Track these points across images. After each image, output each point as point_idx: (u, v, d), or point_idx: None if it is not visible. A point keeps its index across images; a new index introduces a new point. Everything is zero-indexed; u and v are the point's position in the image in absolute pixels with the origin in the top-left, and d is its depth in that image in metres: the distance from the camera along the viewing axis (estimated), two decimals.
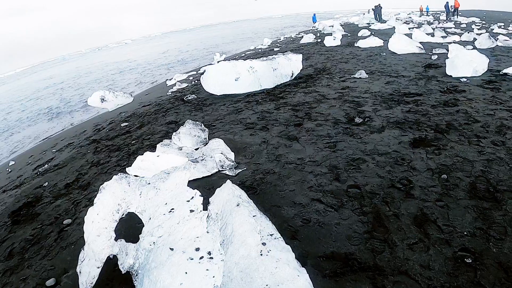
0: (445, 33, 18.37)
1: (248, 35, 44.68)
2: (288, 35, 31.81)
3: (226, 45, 33.77)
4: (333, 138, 4.92)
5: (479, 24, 28.61)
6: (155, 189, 3.59)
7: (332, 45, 16.30)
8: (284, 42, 23.41)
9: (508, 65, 8.95)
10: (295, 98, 7.29)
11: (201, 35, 65.05)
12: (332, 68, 10.21)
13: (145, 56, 36.66)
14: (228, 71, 8.84)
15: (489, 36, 12.79)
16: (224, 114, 6.97)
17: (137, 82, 18.31)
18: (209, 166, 4.56)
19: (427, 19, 37.33)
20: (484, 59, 7.90)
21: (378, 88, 7.23)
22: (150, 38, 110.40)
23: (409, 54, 11.61)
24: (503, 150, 4.09)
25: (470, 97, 6.15)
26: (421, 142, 4.47)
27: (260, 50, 20.01)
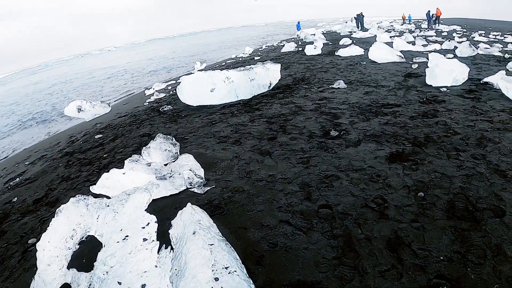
0: (426, 41, 18.61)
1: (231, 43, 44.90)
2: (270, 43, 31.95)
3: (211, 53, 33.96)
4: (306, 153, 4.76)
5: (460, 32, 29.16)
6: (113, 213, 3.39)
7: (312, 54, 16.30)
8: (265, 50, 23.41)
9: (488, 73, 8.99)
10: (271, 109, 7.14)
11: (185, 43, 65.11)
12: (311, 77, 10.13)
13: (131, 63, 36.57)
14: (204, 81, 8.66)
15: (469, 44, 12.93)
16: (198, 127, 6.78)
17: (118, 90, 18.06)
18: (177, 184, 4.36)
19: (409, 28, 37.93)
20: (465, 68, 7.90)
21: (356, 98, 7.13)
22: (134, 45, 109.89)
23: (389, 63, 11.63)
24: (483, 164, 3.98)
25: (450, 108, 6.08)
26: (398, 156, 4.34)
27: (241, 58, 19.94)
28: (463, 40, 19.59)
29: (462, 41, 17.98)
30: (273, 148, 5.09)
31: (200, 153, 5.33)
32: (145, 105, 10.67)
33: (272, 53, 20.39)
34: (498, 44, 17.62)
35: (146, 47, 76.69)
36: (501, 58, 12.34)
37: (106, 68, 35.88)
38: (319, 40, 22.53)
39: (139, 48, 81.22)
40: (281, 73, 10.53)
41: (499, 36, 24.66)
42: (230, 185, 4.20)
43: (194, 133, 6.44)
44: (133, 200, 3.49)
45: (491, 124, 5.26)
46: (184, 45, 56.32)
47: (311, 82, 9.43)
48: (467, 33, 28.10)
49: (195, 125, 6.96)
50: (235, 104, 8.23)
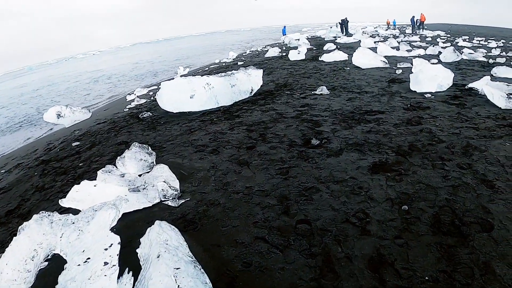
0: (410, 46, 18.69)
1: (215, 48, 44.76)
2: (254, 48, 31.87)
3: (195, 57, 33.70)
4: (286, 163, 4.59)
5: (444, 37, 29.51)
6: (78, 231, 3.19)
7: (296, 59, 16.23)
8: (249, 55, 23.30)
9: (473, 79, 8.98)
10: (252, 116, 6.97)
11: (171, 47, 64.73)
12: (293, 83, 10.00)
13: (117, 67, 36.11)
14: (183, 88, 8.45)
15: (454, 49, 12.99)
16: (176, 135, 6.58)
17: (103, 95, 17.79)
18: (151, 196, 4.16)
19: (393, 33, 38.30)
20: (449, 74, 7.85)
21: (338, 105, 7.01)
22: (119, 49, 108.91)
23: (373, 68, 11.59)
24: (469, 174, 3.87)
25: (435, 115, 5.99)
26: (381, 166, 4.19)
27: (224, 64, 19.76)
28: (447, 45, 19.76)
29: (446, 46, 18.13)
30: (251, 158, 4.91)
31: (177, 162, 5.13)
32: (125, 111, 10.41)
33: (256, 58, 20.29)
34: (482, 49, 17.80)
35: (131, 51, 76.04)
36: (485, 63, 12.40)
37: (93, 72, 35.48)
38: (303, 45, 22.49)
39: (124, 52, 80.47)
40: (264, 78, 10.38)
41: (482, 41, 25.01)
42: (206, 197, 4.01)
43: (172, 141, 6.24)
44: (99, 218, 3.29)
45: (477, 131, 5.17)
46: (170, 49, 55.92)
47: (293, 88, 9.30)
48: (451, 38, 28.45)
49: (173, 133, 6.76)
50: (215, 110, 8.04)
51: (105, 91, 19.42)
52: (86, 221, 3.30)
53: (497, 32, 44.20)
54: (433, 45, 18.02)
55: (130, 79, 23.31)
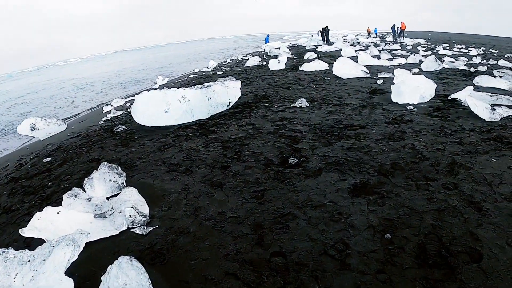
0: (391, 55, 18.78)
1: (197, 56, 44.66)
2: (235, 57, 31.79)
3: (176, 66, 33.70)
4: (261, 185, 4.34)
5: (424, 45, 29.91)
6: (33, 271, 2.87)
7: (276, 69, 16.08)
8: (229, 64, 23.14)
9: (455, 89, 8.93)
10: (228, 132, 6.72)
11: (153, 55, 64.18)
12: (272, 95, 9.80)
13: (101, 75, 35.58)
14: (158, 101, 8.13)
15: (435, 58, 13.02)
16: (149, 152, 6.27)
17: (84, 102, 17.37)
18: (118, 223, 3.88)
19: (374, 41, 38.69)
20: (431, 84, 7.76)
21: (318, 119, 6.81)
22: (101, 57, 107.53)
23: (354, 78, 11.50)
24: (456, 195, 3.68)
25: (418, 128, 5.84)
26: (363, 188, 3.98)
27: (204, 73, 19.51)
28: (428, 53, 19.94)
29: (427, 55, 18.28)
30: (225, 179, 4.65)
31: (148, 184, 4.85)
32: (100, 124, 10.05)
33: (236, 67, 20.12)
34: (463, 57, 17.98)
35: (113, 59, 75.27)
36: (467, 72, 12.45)
37: (76, 79, 34.95)
38: (283, 54, 22.43)
39: (107, 59, 79.48)
40: (242, 89, 10.18)
41: (463, 49, 25.39)
42: (176, 224, 3.74)
43: (144, 159, 5.93)
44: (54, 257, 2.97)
45: (462, 146, 5.03)
46: (153, 57, 55.52)
47: (272, 100, 9.09)
48: (432, 46, 28.84)
49: (146, 150, 6.45)
50: (191, 125, 7.76)
51: (88, 99, 19.24)
52: (42, 259, 2.98)
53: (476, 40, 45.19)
54: (414, 54, 18.13)
55: (114, 87, 22.97)
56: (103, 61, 72.74)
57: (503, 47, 30.43)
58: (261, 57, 24.31)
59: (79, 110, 16.07)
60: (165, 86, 16.25)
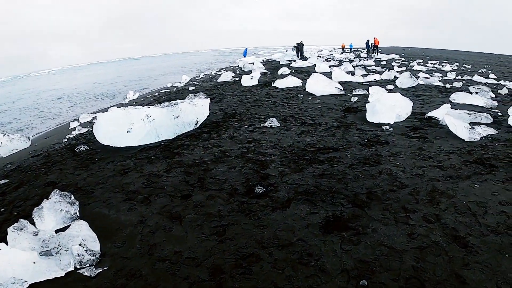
0: (366, 71, 18.80)
1: (171, 70, 44.48)
2: (209, 71, 31.54)
3: (153, 79, 33.42)
4: (224, 219, 3.93)
5: (398, 61, 30.31)
6: None
7: (249, 85, 15.82)
8: (202, 79, 22.77)
9: (431, 106, 8.79)
10: (192, 155, 6.30)
11: (128, 68, 63.15)
12: (243, 113, 9.45)
13: (78, 86, 34.95)
14: (120, 121, 7.65)
15: (410, 75, 12.99)
16: (108, 176, 5.81)
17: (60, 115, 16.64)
18: (64, 262, 3.44)
19: (348, 56, 39.07)
20: (408, 103, 7.56)
21: (289, 140, 6.47)
22: (75, 69, 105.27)
23: (327, 95, 11.30)
24: (438, 229, 3.37)
25: (395, 151, 5.56)
26: (336, 223, 3.62)
27: (176, 88, 19.04)
28: (403, 69, 20.09)
29: (401, 71, 18.39)
30: (185, 211, 4.23)
31: (102, 214, 4.40)
32: (64, 142, 9.46)
33: (208, 82, 19.76)
34: (437, 73, 18.17)
35: (88, 71, 73.95)
36: (443, 89, 12.44)
37: (52, 90, 34.14)
38: (257, 70, 22.25)
39: (82, 71, 77.75)
40: (212, 107, 9.82)
41: (437, 64, 25.82)
42: (128, 265, 3.30)
43: (102, 185, 5.46)
44: None
45: (442, 171, 4.78)
46: (127, 70, 54.79)
47: (242, 119, 8.73)
48: (406, 62, 29.25)
49: (106, 173, 5.98)
50: (156, 146, 7.30)
51: (64, 111, 18.82)
52: None
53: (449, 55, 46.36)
54: (389, 70, 18.20)
55: (90, 99, 22.32)
56: (78, 73, 71.28)
57: (476, 62, 31.15)
58: (235, 72, 24.10)
59: (50, 123, 15.39)
60: (134, 101, 15.79)
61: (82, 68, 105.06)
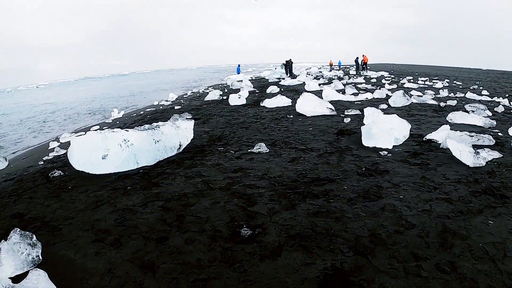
0: (357, 89, 18.43)
1: (161, 86, 44.22)
2: (196, 89, 31.16)
3: (143, 95, 32.93)
4: (204, 270, 3.36)
5: (388, 78, 30.19)
6: None
7: (236, 104, 15.37)
8: (189, 98, 22.25)
9: (428, 127, 8.38)
10: (173, 185, 5.73)
11: (118, 84, 62.52)
12: (229, 136, 8.92)
13: (69, 101, 34.54)
14: (96, 145, 7.04)
15: (403, 93, 12.64)
16: (79, 209, 5.22)
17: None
18: None
19: (337, 74, 39.01)
20: (406, 125, 7.13)
21: (279, 169, 5.93)
22: (64, 84, 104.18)
23: (319, 116, 10.84)
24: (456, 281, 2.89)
25: (396, 181, 5.06)
26: (336, 277, 3.07)
27: (162, 107, 18.44)
28: (394, 87, 19.85)
29: (392, 88, 18.11)
30: (160, 258, 3.65)
31: (67, 259, 3.82)
32: (40, 164, 8.80)
33: (195, 101, 19.27)
34: (429, 90, 17.90)
35: (77, 86, 73.12)
36: (437, 107, 12.10)
37: (44, 104, 33.65)
38: (245, 88, 21.87)
39: (72, 86, 76.77)
40: (198, 128, 9.33)
41: (427, 81, 25.68)
42: None
43: (71, 220, 4.87)
44: None
45: (451, 205, 4.30)
46: (116, 87, 54.33)
47: (228, 143, 8.20)
48: (396, 79, 29.14)
49: (77, 206, 5.38)
50: (134, 173, 6.71)
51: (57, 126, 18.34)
52: None
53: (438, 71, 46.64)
54: (380, 88, 17.93)
55: (73, 116, 21.70)
56: (68, 88, 70.65)
57: (466, 79, 31.17)
58: (223, 90, 23.70)
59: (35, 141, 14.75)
60: (118, 120, 15.24)
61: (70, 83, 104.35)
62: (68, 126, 18.01)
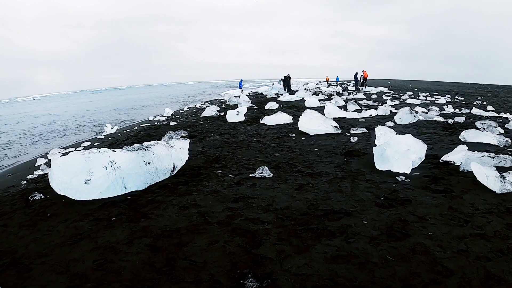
0: (359, 105, 17.85)
1: (158, 100, 43.80)
2: (193, 104, 30.65)
3: (140, 109, 32.53)
4: None
5: (388, 93, 29.82)
6: None
7: (234, 121, 14.78)
8: (185, 113, 21.63)
9: (442, 146, 7.79)
10: (163, 217, 5.04)
11: (114, 98, 62.03)
12: (228, 157, 8.27)
13: (69, 113, 34.29)
14: (78, 168, 6.30)
15: (410, 110, 12.07)
16: (55, 244, 4.54)
17: None
18: None
19: (336, 90, 38.64)
20: (421, 146, 6.55)
21: (286, 199, 5.26)
22: (62, 96, 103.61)
23: (323, 135, 10.22)
24: None
25: (421, 213, 4.43)
26: None
27: (157, 123, 17.74)
28: (396, 103, 19.34)
29: (395, 105, 17.58)
30: None
31: None
32: (22, 184, 8.07)
33: (192, 117, 18.64)
34: (433, 106, 17.37)
35: (75, 99, 72.66)
36: (446, 125, 11.53)
37: (46, 116, 33.50)
38: (243, 104, 21.34)
39: (70, 99, 76.27)
40: (194, 148, 8.73)
41: (428, 97, 25.21)
42: None
43: (45, 258, 4.19)
44: None
45: (488, 242, 3.69)
46: (112, 101, 53.84)
47: (227, 165, 7.55)
48: (396, 94, 28.71)
49: (53, 239, 4.69)
50: (121, 200, 6.00)
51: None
52: None
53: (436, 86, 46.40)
54: (382, 104, 17.42)
55: (65, 130, 21.05)
56: (66, 100, 70.16)
57: (466, 94, 30.82)
58: (220, 105, 23.17)
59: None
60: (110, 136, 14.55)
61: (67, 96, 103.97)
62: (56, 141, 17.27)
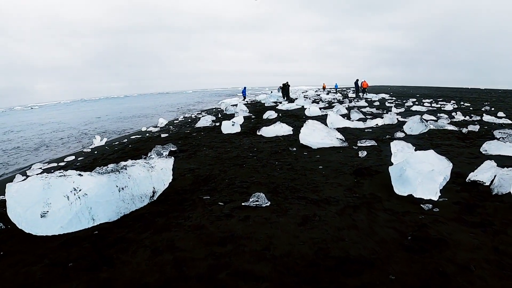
0: (362, 114, 16.79)
1: (150, 111, 43.31)
2: (189, 114, 29.75)
3: (138, 119, 31.95)
4: None
5: (391, 100, 28.92)
6: None
7: (230, 133, 13.75)
8: (179, 124, 20.62)
9: (463, 162, 6.77)
10: (131, 265, 3.91)
11: (111, 107, 61.32)
12: (219, 176, 7.19)
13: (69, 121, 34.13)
14: (34, 198, 5.08)
15: (420, 119, 11.05)
16: None
17: None
18: None
19: (336, 97, 37.84)
20: (445, 164, 5.49)
21: (287, 240, 4.14)
22: (61, 105, 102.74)
23: (327, 148, 9.14)
24: None
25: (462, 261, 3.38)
26: None
27: (148, 134, 16.66)
28: (401, 110, 18.37)
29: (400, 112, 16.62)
30: None
31: None
32: None
33: (185, 127, 17.62)
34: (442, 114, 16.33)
35: (75, 107, 72.03)
36: (460, 134, 10.50)
37: (49, 124, 33.38)
38: (240, 114, 20.38)
39: (70, 107, 75.64)
40: (181, 165, 7.87)
41: (433, 103, 24.26)
42: None
43: None
44: None
45: None
46: (108, 110, 53.31)
47: (216, 188, 6.46)
48: (399, 101, 27.80)
49: None
50: (86, 236, 4.82)
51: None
52: None
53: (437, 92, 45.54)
54: (386, 111, 16.40)
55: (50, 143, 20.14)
56: (66, 109, 69.50)
57: (471, 99, 29.86)
58: (216, 115, 22.20)
59: None
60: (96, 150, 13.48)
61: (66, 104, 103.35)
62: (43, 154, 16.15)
